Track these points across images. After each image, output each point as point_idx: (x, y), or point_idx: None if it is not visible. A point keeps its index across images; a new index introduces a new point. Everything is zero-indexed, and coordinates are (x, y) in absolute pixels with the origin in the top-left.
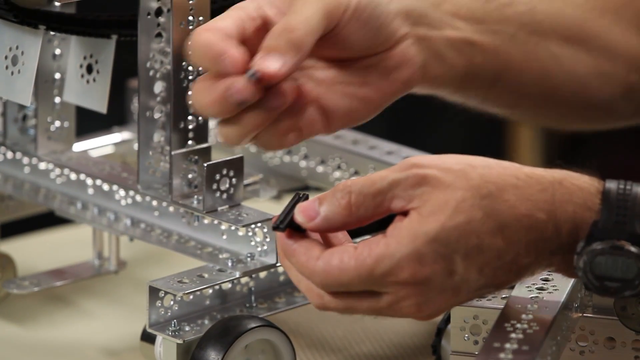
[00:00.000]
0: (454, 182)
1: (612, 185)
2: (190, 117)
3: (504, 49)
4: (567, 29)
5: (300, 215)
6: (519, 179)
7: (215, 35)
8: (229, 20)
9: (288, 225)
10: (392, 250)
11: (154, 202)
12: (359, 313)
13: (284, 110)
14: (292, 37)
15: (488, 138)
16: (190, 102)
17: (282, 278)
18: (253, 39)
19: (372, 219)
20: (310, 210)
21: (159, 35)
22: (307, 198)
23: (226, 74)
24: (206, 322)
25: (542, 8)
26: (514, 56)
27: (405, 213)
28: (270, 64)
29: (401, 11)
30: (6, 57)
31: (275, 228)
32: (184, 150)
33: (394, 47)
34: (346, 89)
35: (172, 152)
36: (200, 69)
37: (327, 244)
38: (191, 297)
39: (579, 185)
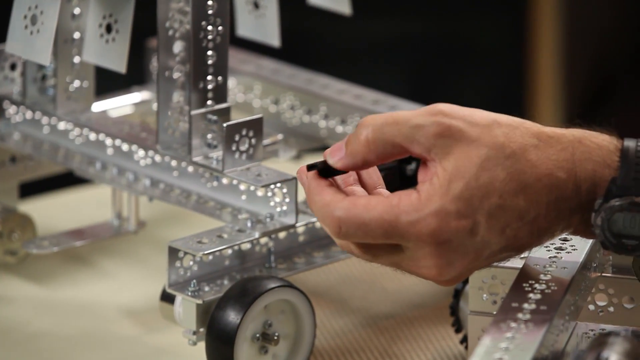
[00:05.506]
0: (479, 137)
1: (630, 143)
2: (209, 77)
3: None
4: None
5: (329, 155)
6: (541, 140)
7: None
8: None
9: (319, 170)
10: (422, 204)
11: (173, 162)
12: (379, 262)
13: None
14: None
15: (508, 99)
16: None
17: (301, 238)
18: None
19: (391, 158)
20: (338, 149)
21: None
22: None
23: None
24: (225, 282)
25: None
26: None
27: (424, 161)
28: None
29: None
30: (25, 17)
31: (311, 167)
32: (203, 110)
33: None
34: None
35: (192, 112)
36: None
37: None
38: (210, 257)
39: (598, 143)
